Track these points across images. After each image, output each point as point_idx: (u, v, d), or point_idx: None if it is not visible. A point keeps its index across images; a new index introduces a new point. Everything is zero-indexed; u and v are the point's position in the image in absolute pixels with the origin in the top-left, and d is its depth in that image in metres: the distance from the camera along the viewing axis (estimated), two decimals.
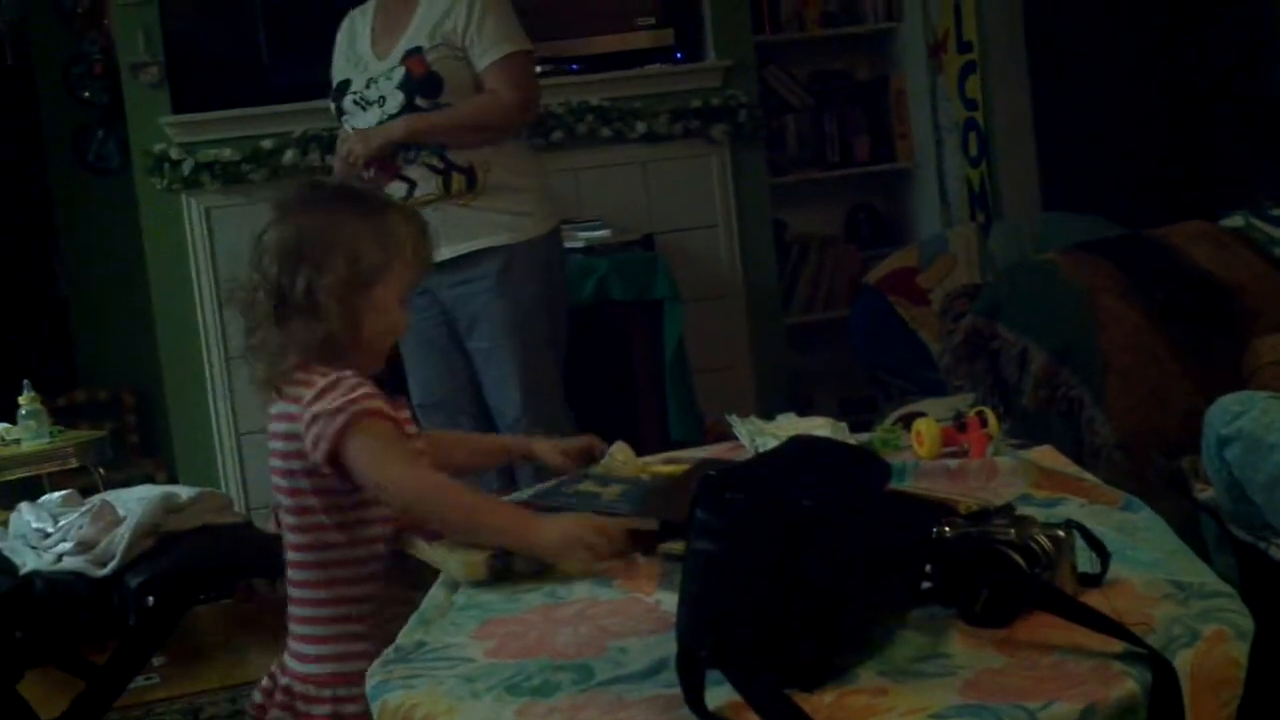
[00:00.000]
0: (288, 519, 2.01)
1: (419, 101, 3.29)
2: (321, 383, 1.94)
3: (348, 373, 1.95)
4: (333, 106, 3.48)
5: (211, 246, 4.52)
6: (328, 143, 4.37)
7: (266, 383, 2.00)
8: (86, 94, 5.21)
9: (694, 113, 4.83)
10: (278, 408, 1.99)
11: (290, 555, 2.01)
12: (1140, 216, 3.61)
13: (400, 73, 3.31)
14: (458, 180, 3.31)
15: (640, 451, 2.35)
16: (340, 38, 3.50)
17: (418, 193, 3.29)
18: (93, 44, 5.17)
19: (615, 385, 4.41)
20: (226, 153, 4.49)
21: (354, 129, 3.37)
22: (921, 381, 4.18)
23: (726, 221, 4.93)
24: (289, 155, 4.48)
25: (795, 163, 5.33)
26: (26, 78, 5.32)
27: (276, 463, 1.99)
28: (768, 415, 2.50)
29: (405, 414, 2.06)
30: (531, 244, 3.39)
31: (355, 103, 3.38)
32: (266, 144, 4.50)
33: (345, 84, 3.42)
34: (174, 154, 4.48)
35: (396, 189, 3.30)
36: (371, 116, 3.34)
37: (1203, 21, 4.91)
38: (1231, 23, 4.79)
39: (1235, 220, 3.08)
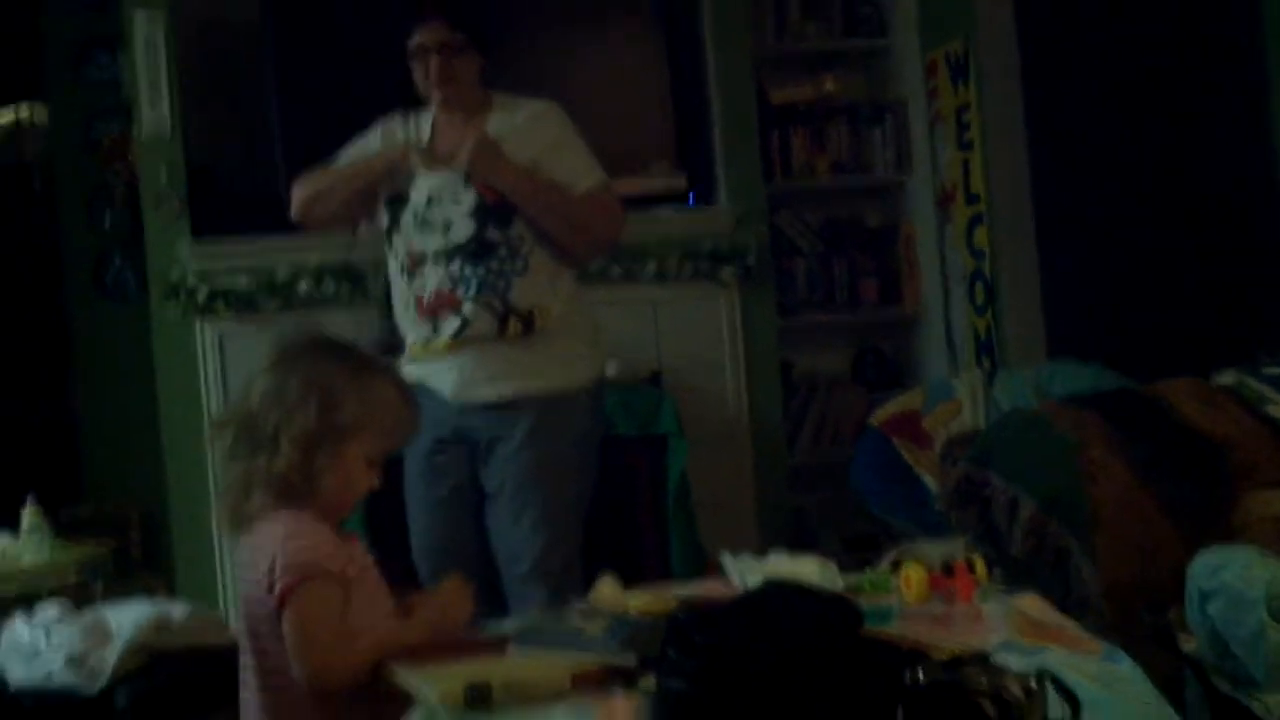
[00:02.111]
0: (245, 659, 2.04)
1: (489, 232, 3.12)
2: (283, 531, 1.97)
3: (311, 522, 1.99)
4: (383, 218, 3.27)
5: (223, 372, 4.56)
6: (341, 273, 4.45)
7: (228, 519, 2.03)
8: (108, 225, 5.34)
9: (705, 255, 4.90)
10: (244, 550, 2.03)
11: (243, 692, 2.03)
12: (1142, 368, 3.64)
13: (471, 198, 3.13)
14: (514, 325, 3.12)
15: (640, 586, 2.35)
16: (379, 138, 3.32)
17: (469, 331, 3.12)
18: (116, 174, 5.29)
19: (619, 519, 4.41)
20: (241, 281, 4.55)
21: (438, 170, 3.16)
22: (923, 522, 4.17)
23: (734, 361, 4.97)
24: (303, 285, 4.54)
25: (804, 304, 5.39)
26: (50, 205, 5.46)
27: (244, 603, 2.02)
28: (767, 552, 2.51)
29: (362, 548, 2.09)
30: (578, 391, 3.21)
31: (416, 222, 3.17)
32: (281, 273, 4.56)
33: (401, 198, 3.22)
34: (190, 281, 4.55)
35: (449, 323, 3.14)
36: (433, 241, 3.16)
37: (1210, 180, 4.99)
38: (1236, 185, 4.87)
39: (1227, 378, 3.10)
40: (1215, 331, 4.62)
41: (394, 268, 3.29)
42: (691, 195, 5.00)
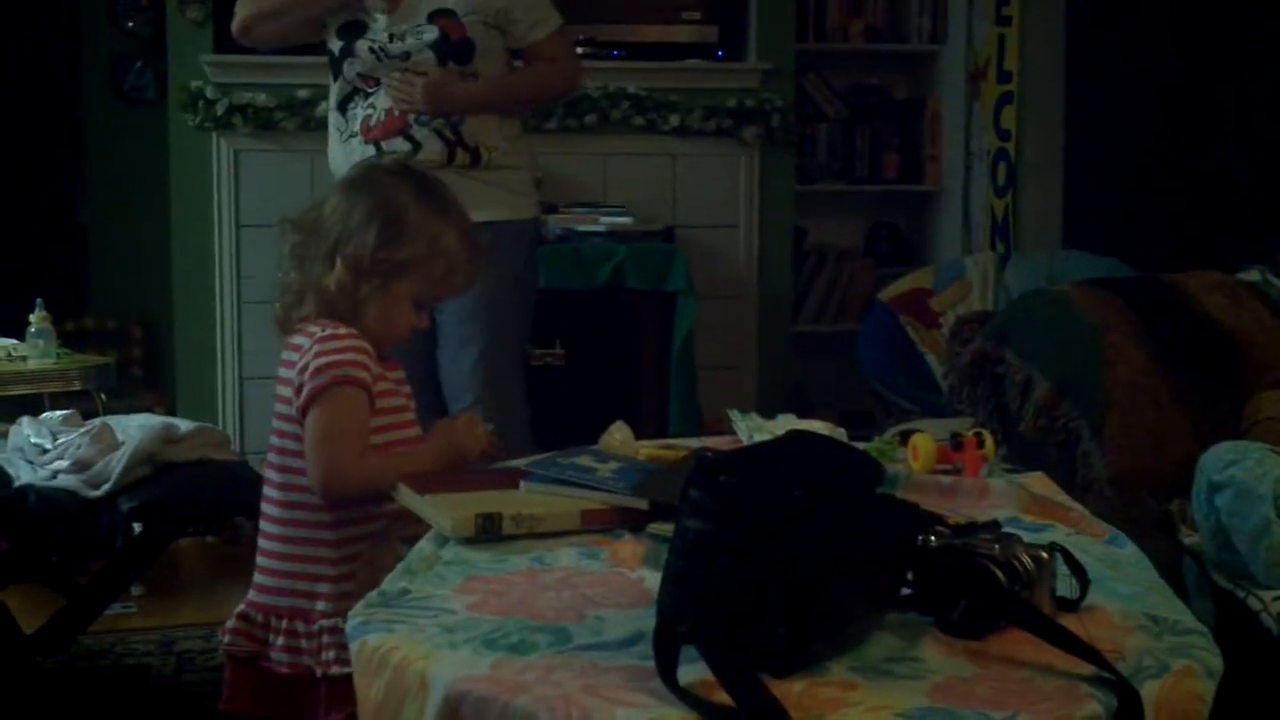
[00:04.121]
0: (271, 457, 2.06)
1: (448, 67, 3.15)
2: (320, 334, 1.98)
3: (348, 331, 1.99)
4: (335, 44, 3.22)
5: (236, 188, 4.55)
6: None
7: (278, 319, 2.05)
8: (130, 24, 5.24)
9: (728, 112, 4.85)
10: (285, 353, 2.04)
11: (265, 490, 2.06)
12: (1157, 264, 3.61)
13: (433, 33, 3.15)
14: (462, 155, 3.18)
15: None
16: None
17: (420, 155, 3.13)
18: None
19: (620, 372, 4.43)
20: (262, 97, 4.51)
21: (401, 77, 3.15)
22: (923, 403, 4.19)
23: (748, 223, 4.95)
24: (322, 107, 4.49)
25: (823, 172, 5.34)
26: (72, 2, 5.35)
27: (276, 403, 2.04)
28: (768, 417, 2.52)
29: (399, 374, 2.09)
30: (521, 225, 3.29)
31: (373, 51, 3.16)
32: (302, 94, 4.52)
33: (357, 26, 3.19)
34: (210, 93, 4.51)
35: (396, 144, 3.16)
36: (390, 70, 3.16)
37: (1244, 74, 4.91)
38: (1273, 78, 4.80)
39: (1251, 275, 3.09)
40: (1233, 235, 4.59)
41: (339, 92, 3.27)
42: (721, 50, 4.92)
